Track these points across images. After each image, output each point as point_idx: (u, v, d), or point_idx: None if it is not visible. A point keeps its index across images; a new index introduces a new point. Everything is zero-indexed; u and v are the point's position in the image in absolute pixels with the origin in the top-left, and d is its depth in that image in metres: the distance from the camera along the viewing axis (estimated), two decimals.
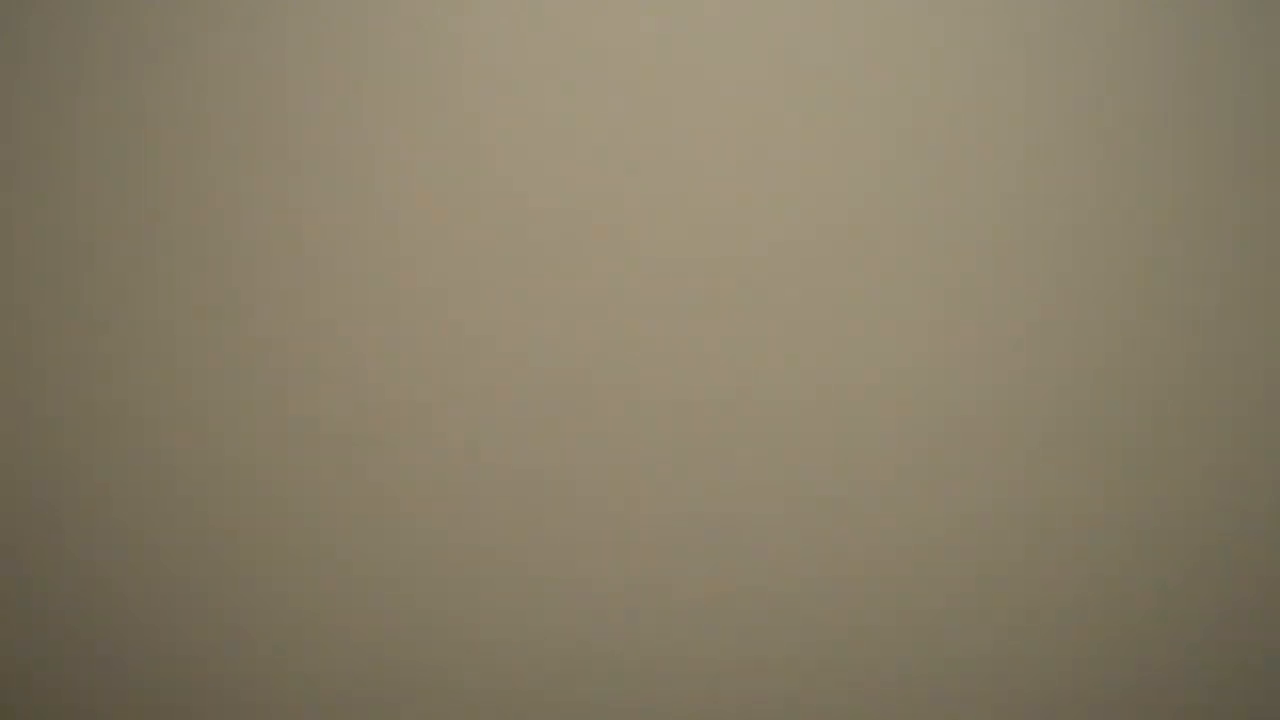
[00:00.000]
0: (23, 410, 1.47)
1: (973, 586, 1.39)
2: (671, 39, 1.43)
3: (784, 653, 1.42)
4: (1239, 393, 1.36)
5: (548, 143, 1.43)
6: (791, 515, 1.35)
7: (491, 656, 1.43)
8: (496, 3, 1.43)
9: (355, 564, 1.42)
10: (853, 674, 1.40)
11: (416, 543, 1.41)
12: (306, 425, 1.43)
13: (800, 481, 1.38)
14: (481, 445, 1.42)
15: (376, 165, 1.45)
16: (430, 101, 1.44)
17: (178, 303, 1.45)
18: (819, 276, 1.42)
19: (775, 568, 1.41)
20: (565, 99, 1.43)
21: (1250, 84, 1.38)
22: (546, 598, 1.42)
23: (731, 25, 1.42)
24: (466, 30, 1.44)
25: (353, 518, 1.42)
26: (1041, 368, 1.39)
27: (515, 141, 1.43)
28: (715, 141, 1.43)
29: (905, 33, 1.41)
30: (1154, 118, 1.39)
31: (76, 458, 1.46)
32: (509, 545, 1.42)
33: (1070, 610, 1.39)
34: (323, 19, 1.45)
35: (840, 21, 1.42)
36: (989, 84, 1.41)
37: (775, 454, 1.40)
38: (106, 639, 1.45)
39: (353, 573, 1.43)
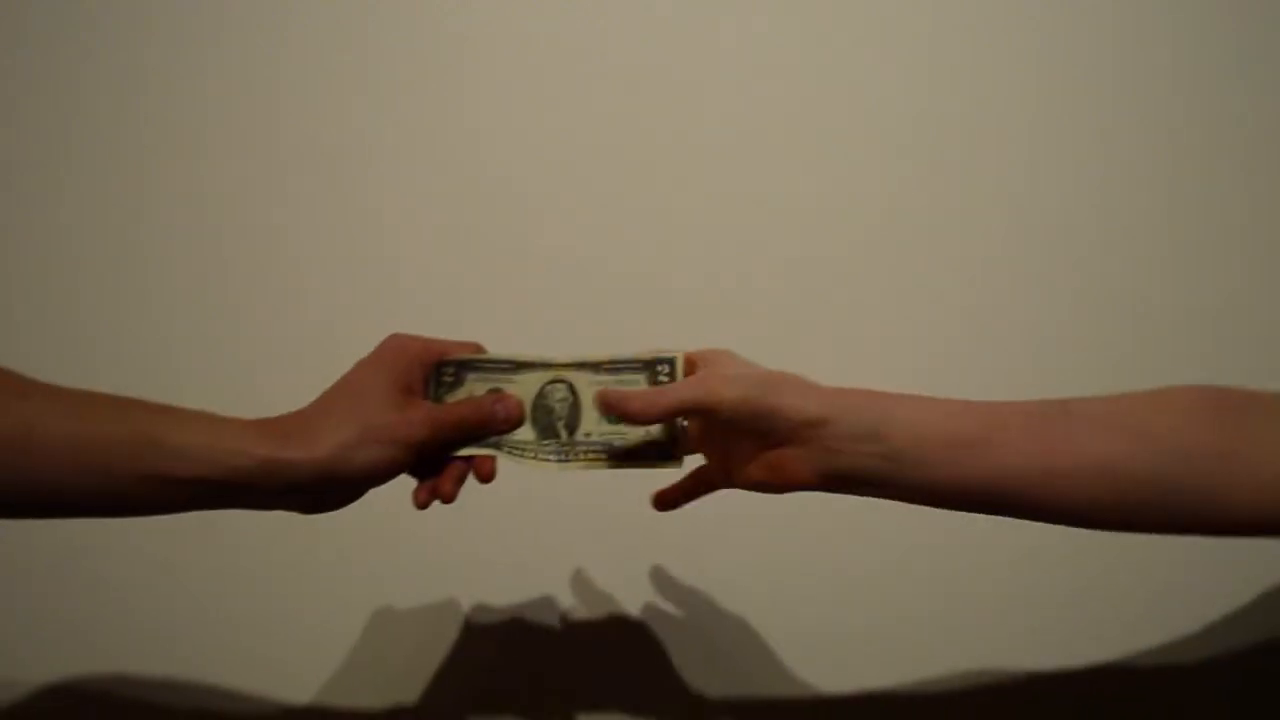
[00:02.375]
0: None
1: (973, 587, 1.39)
2: (671, 38, 1.42)
3: (783, 653, 1.42)
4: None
5: (548, 143, 1.43)
6: (792, 516, 1.35)
7: (492, 656, 1.43)
8: (497, 2, 1.43)
9: (356, 564, 1.43)
10: (852, 674, 1.40)
11: (417, 543, 1.41)
12: None
13: None
14: None
15: (376, 164, 1.44)
16: (430, 101, 1.44)
17: (178, 302, 1.45)
18: (821, 277, 1.41)
19: (775, 567, 1.41)
20: (565, 99, 1.43)
21: (1251, 84, 1.38)
22: (546, 598, 1.42)
23: (732, 25, 1.42)
24: (467, 30, 1.43)
25: (352, 518, 1.42)
26: (1042, 368, 1.40)
27: (516, 141, 1.43)
28: (715, 141, 1.42)
29: (905, 33, 1.41)
30: (1157, 117, 1.39)
31: None
32: (509, 545, 1.42)
33: (1071, 611, 1.39)
34: (323, 18, 1.44)
35: (842, 21, 1.42)
36: (990, 83, 1.41)
37: None
38: (106, 638, 1.45)
39: (353, 573, 1.43)
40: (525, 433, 1.12)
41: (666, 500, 1.18)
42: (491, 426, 1.12)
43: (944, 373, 1.40)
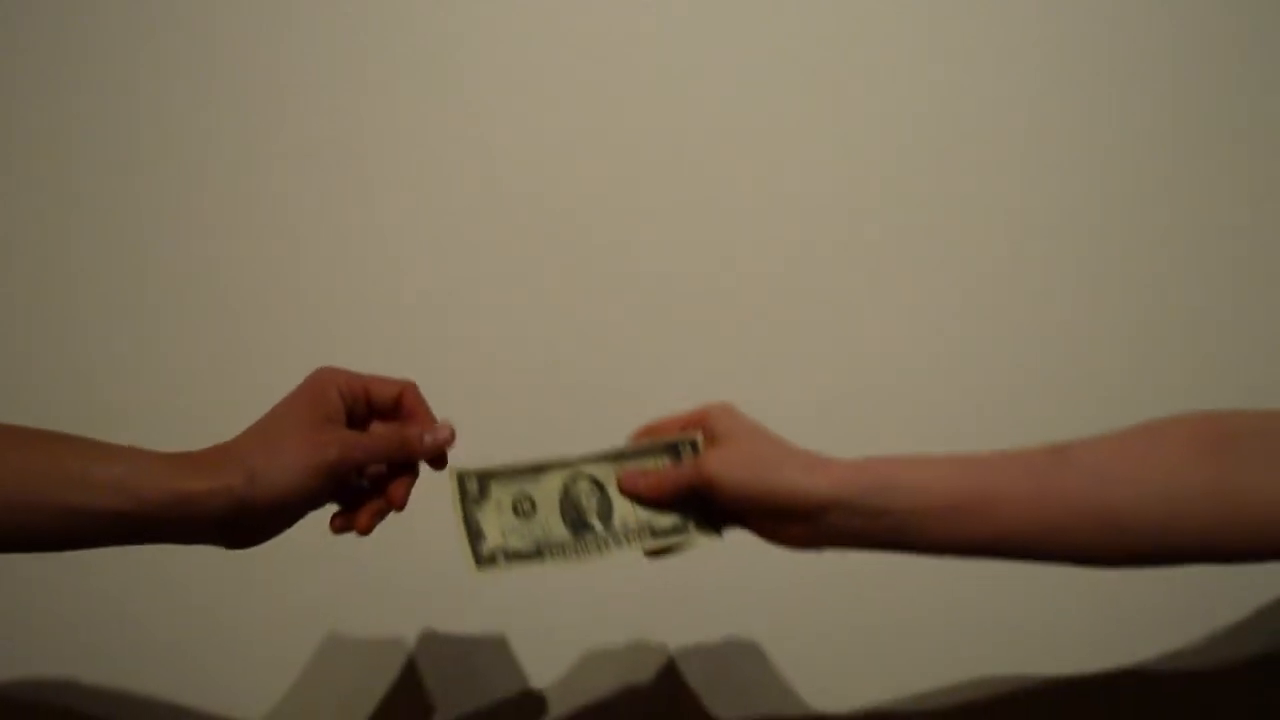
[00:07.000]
0: (22, 411, 1.47)
1: (972, 587, 1.39)
2: (672, 37, 1.43)
3: (784, 652, 1.42)
4: (1239, 393, 1.37)
5: (549, 143, 1.43)
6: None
7: (493, 653, 1.43)
8: (497, 2, 1.43)
9: (356, 563, 1.43)
10: (854, 673, 1.40)
11: (418, 541, 1.42)
12: None
13: None
14: (484, 445, 1.42)
15: (377, 163, 1.44)
16: (431, 99, 1.44)
17: (178, 302, 1.45)
18: (822, 276, 1.42)
19: (773, 565, 1.41)
20: (565, 98, 1.43)
21: (1250, 84, 1.38)
22: (547, 597, 1.42)
23: (733, 25, 1.42)
24: (467, 30, 1.43)
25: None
26: (1041, 368, 1.40)
27: (518, 141, 1.43)
28: (716, 141, 1.42)
29: (906, 33, 1.41)
30: (1157, 116, 1.39)
31: None
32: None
33: (1069, 611, 1.39)
34: (323, 17, 1.45)
35: (843, 21, 1.42)
36: (990, 82, 1.41)
37: None
38: (105, 638, 1.45)
39: (353, 572, 1.43)
40: (559, 534, 1.11)
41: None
42: (412, 451, 1.11)
43: (945, 371, 1.40)
